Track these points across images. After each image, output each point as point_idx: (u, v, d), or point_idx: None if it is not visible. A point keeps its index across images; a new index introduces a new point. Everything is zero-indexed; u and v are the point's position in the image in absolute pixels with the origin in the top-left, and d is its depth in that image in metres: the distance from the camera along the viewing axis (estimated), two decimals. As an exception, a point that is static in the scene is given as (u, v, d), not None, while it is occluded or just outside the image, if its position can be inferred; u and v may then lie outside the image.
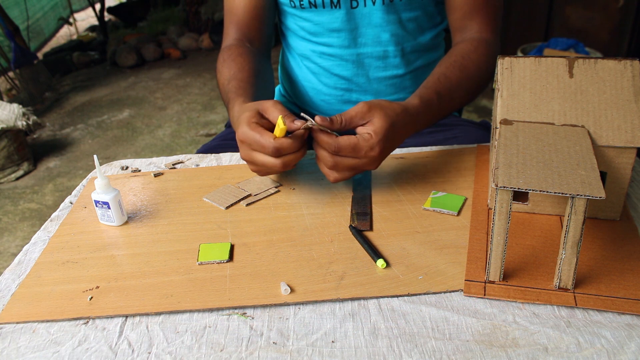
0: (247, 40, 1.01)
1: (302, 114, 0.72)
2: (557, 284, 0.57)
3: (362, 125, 0.72)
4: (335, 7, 0.97)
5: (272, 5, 1.04)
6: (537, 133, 0.65)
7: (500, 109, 0.69)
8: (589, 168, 0.57)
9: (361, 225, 0.70)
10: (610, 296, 0.56)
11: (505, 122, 0.68)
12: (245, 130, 0.70)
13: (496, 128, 0.68)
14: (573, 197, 0.52)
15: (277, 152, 0.68)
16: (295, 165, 0.74)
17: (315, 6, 0.97)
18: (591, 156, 0.60)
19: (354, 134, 0.72)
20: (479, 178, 0.79)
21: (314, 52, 1.05)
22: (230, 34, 1.02)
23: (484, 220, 0.70)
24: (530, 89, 0.69)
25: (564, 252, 0.55)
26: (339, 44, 1.01)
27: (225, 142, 1.02)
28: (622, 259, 0.62)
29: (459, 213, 0.72)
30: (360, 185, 0.80)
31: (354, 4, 0.96)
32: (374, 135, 0.70)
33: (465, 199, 0.74)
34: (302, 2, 0.98)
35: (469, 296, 0.57)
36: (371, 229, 0.70)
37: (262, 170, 0.73)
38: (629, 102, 0.66)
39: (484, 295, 0.57)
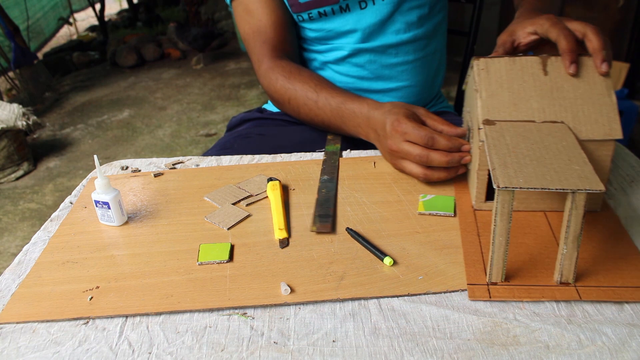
0: (283, 54, 1.01)
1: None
2: (559, 279, 0.57)
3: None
4: (345, 11, 0.97)
5: (291, 16, 1.04)
6: (521, 131, 0.66)
7: (481, 109, 0.70)
8: (581, 162, 0.58)
9: (322, 227, 0.69)
10: (610, 286, 0.57)
11: (488, 122, 0.68)
12: (405, 121, 0.76)
13: (479, 129, 0.69)
14: (574, 193, 0.53)
15: (431, 141, 0.74)
16: (438, 174, 0.77)
17: (325, 15, 0.98)
18: (580, 151, 0.61)
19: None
20: (458, 180, 0.79)
21: (323, 64, 1.06)
22: (266, 53, 1.01)
23: (472, 222, 0.69)
24: (507, 88, 0.70)
25: (565, 247, 0.55)
26: (351, 44, 1.02)
27: (223, 150, 1.02)
28: (612, 249, 0.63)
29: (455, 214, 0.71)
30: (326, 187, 0.79)
31: (363, 4, 0.97)
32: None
33: (454, 200, 0.74)
34: (311, 15, 0.99)
35: (475, 300, 0.57)
36: (333, 230, 0.69)
37: (404, 160, 0.77)
38: (603, 96, 0.68)
39: (490, 297, 0.56)
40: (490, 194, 0.71)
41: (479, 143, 0.68)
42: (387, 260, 0.62)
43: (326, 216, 0.71)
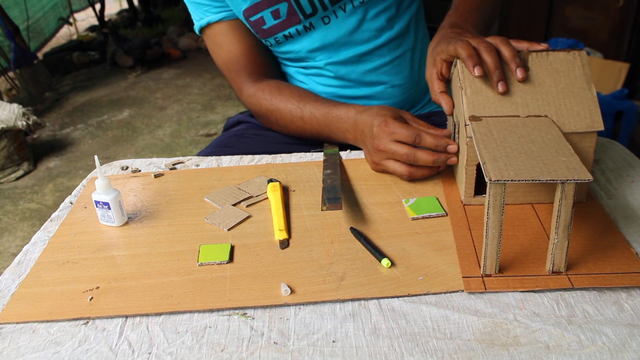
0: (261, 76, 1.02)
1: None
2: (551, 268, 0.59)
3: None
4: (309, 29, 0.97)
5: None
6: (507, 126, 0.67)
7: (467, 106, 0.71)
8: (568, 154, 0.60)
9: (333, 206, 0.70)
10: (600, 273, 0.58)
11: (474, 118, 0.70)
12: (392, 122, 0.78)
13: (466, 125, 0.69)
14: (563, 183, 0.54)
15: (418, 138, 0.76)
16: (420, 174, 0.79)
17: (291, 37, 0.98)
18: (565, 143, 0.62)
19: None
20: (446, 176, 0.80)
21: (297, 72, 1.06)
22: (244, 81, 1.02)
23: (463, 217, 0.70)
24: (491, 85, 0.71)
25: (556, 237, 0.56)
26: (323, 60, 1.02)
27: (218, 149, 1.02)
28: (600, 237, 0.64)
29: (447, 213, 0.72)
30: (330, 178, 0.80)
31: (326, 20, 0.96)
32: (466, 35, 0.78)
33: (437, 199, 0.75)
34: (277, 39, 0.99)
35: (471, 292, 0.57)
36: (342, 208, 0.71)
37: (389, 160, 0.78)
38: (583, 90, 0.70)
39: (485, 289, 0.57)
40: (478, 189, 0.72)
41: (466, 139, 0.69)
42: (385, 262, 0.62)
43: (335, 199, 0.72)
